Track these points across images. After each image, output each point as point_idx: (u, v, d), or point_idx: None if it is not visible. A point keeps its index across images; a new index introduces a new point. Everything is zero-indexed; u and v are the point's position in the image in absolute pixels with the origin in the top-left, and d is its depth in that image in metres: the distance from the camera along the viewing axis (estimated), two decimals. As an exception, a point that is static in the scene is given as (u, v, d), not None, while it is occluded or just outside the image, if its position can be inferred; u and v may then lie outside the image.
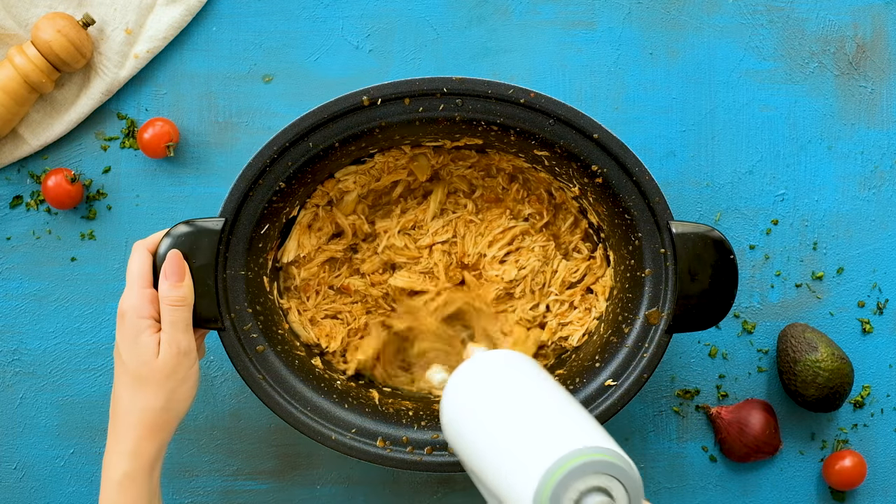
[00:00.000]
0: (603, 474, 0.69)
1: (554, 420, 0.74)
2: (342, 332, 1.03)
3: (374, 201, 1.04)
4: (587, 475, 0.68)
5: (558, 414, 0.75)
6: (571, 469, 0.68)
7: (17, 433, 1.07)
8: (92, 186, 1.06)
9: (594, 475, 0.68)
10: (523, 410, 0.76)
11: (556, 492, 0.68)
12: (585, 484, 0.68)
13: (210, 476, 1.08)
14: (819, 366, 1.03)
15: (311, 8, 1.06)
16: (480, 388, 0.81)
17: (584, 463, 0.68)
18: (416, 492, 1.08)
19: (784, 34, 1.07)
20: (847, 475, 1.07)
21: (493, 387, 0.81)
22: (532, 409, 0.76)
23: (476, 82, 0.93)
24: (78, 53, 1.00)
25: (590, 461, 0.68)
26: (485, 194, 1.04)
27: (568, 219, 1.03)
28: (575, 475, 0.68)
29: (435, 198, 1.03)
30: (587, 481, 0.68)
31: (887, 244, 1.08)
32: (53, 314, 1.06)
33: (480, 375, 0.83)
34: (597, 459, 0.68)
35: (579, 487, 0.68)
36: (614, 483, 0.69)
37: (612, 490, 0.69)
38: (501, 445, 0.75)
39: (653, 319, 0.95)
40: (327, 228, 1.02)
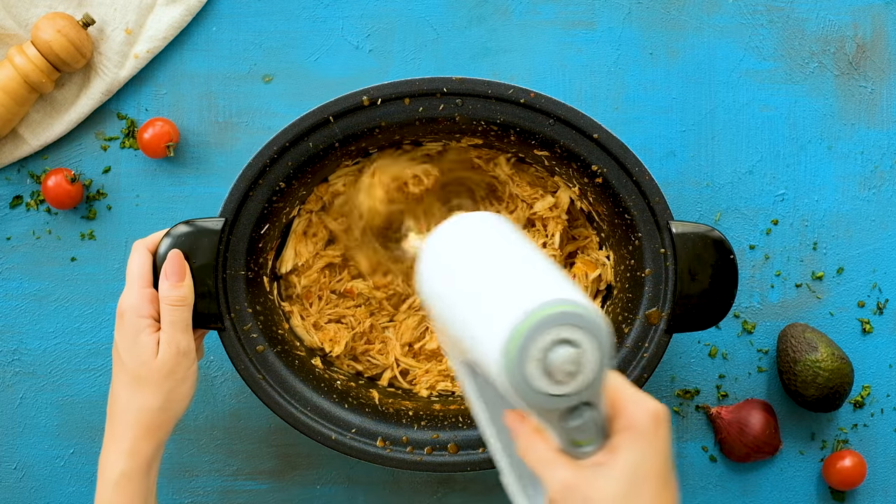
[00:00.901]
0: (571, 325, 0.67)
1: (524, 275, 0.73)
2: (346, 337, 1.03)
3: None
4: (555, 326, 0.67)
5: (529, 270, 0.73)
6: (539, 320, 0.67)
7: (17, 433, 1.07)
8: (92, 186, 1.06)
9: (562, 326, 0.67)
10: (494, 267, 0.75)
11: (524, 344, 0.67)
12: (554, 335, 0.67)
13: (210, 476, 1.08)
14: (819, 366, 1.03)
15: (311, 8, 1.06)
16: (454, 248, 0.80)
17: (551, 314, 0.67)
18: (416, 492, 1.09)
19: (784, 34, 1.07)
20: (847, 475, 1.07)
21: (466, 246, 0.79)
22: (503, 266, 0.75)
23: (476, 82, 0.93)
24: (78, 53, 1.00)
25: (557, 312, 0.67)
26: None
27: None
28: (542, 327, 0.67)
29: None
30: (555, 332, 0.67)
31: (887, 244, 1.08)
32: (53, 314, 1.06)
33: (455, 235, 0.81)
34: (564, 311, 0.67)
35: (548, 339, 0.67)
36: (584, 335, 0.68)
37: (581, 342, 0.68)
38: (471, 301, 0.73)
39: (653, 319, 0.95)
40: (322, 234, 1.02)
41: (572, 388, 0.68)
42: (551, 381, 0.68)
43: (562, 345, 0.67)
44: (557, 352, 0.67)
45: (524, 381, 0.68)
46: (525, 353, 0.67)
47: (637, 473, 0.69)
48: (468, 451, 0.96)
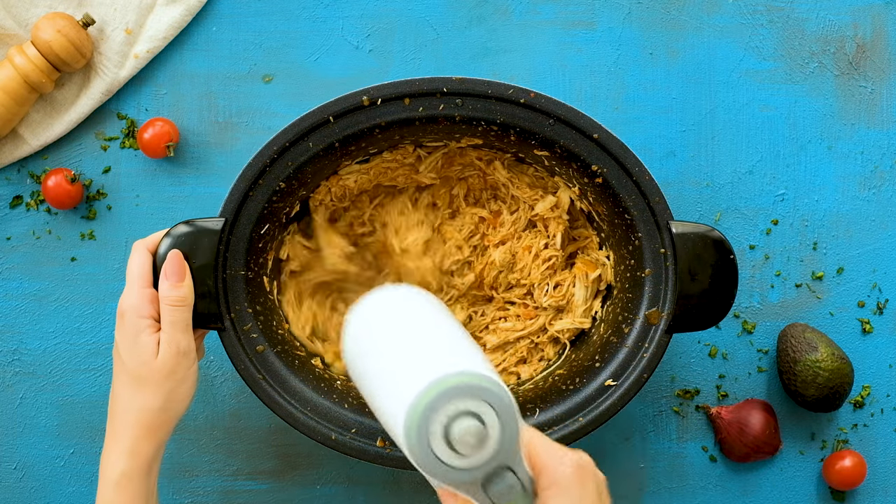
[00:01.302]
0: (472, 398, 0.68)
1: (434, 349, 0.74)
2: None
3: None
4: (455, 399, 0.68)
5: (434, 345, 0.74)
6: (438, 393, 0.67)
7: (17, 433, 1.07)
8: (92, 186, 1.06)
9: (462, 398, 0.68)
10: (408, 341, 0.76)
11: (425, 415, 0.68)
12: (454, 408, 0.68)
13: (210, 476, 1.08)
14: (819, 366, 1.03)
15: (311, 8, 1.06)
16: (374, 321, 0.81)
17: (450, 387, 0.68)
18: (416, 492, 1.08)
19: (784, 34, 1.07)
20: (847, 475, 1.07)
21: (385, 319, 0.80)
22: (416, 340, 0.76)
23: (476, 82, 0.93)
24: (78, 53, 1.00)
25: (456, 385, 0.68)
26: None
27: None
28: (443, 399, 0.68)
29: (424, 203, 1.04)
30: (456, 405, 0.68)
31: (887, 244, 1.08)
32: (53, 314, 1.06)
33: (377, 308, 0.82)
34: (464, 383, 0.68)
35: (448, 412, 0.68)
36: (485, 407, 0.68)
37: (483, 415, 0.68)
38: (385, 375, 0.74)
39: (653, 319, 0.95)
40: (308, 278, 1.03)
41: (479, 460, 0.69)
42: (456, 454, 0.69)
43: (462, 417, 0.68)
44: (458, 425, 0.68)
45: (430, 456, 0.68)
46: (424, 429, 0.68)
47: None
48: (468, 451, 0.96)
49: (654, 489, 1.09)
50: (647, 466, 1.08)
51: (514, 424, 0.70)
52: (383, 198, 1.03)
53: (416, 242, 1.02)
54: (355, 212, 1.03)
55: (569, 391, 0.97)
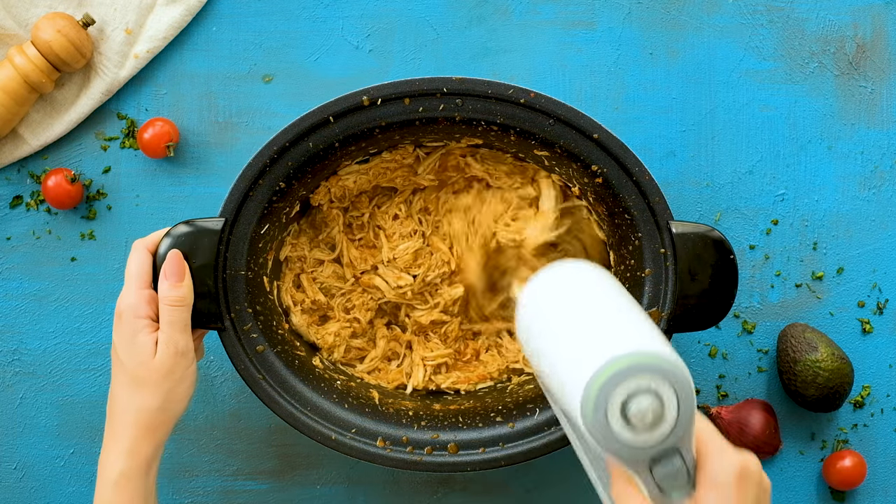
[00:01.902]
0: (651, 375, 0.68)
1: (609, 325, 0.74)
2: (346, 336, 1.03)
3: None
4: (634, 376, 0.68)
5: (615, 320, 0.74)
6: (616, 371, 0.68)
7: (17, 433, 1.07)
8: (92, 186, 1.06)
9: (642, 376, 0.68)
10: (583, 316, 0.76)
11: (602, 393, 0.68)
12: (633, 385, 0.68)
13: (210, 476, 1.08)
14: (819, 366, 1.03)
15: (311, 8, 1.06)
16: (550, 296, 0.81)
17: (628, 365, 0.68)
18: (416, 492, 1.08)
19: (784, 34, 1.07)
20: (847, 475, 1.06)
21: (561, 294, 0.81)
22: (591, 315, 0.76)
23: (476, 82, 0.93)
24: (78, 53, 1.00)
25: (637, 363, 0.68)
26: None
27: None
28: (619, 377, 0.68)
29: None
30: (634, 383, 0.68)
31: (887, 244, 1.08)
32: (53, 314, 1.06)
33: (551, 284, 0.82)
34: (642, 361, 0.68)
35: (627, 388, 0.68)
36: (664, 385, 0.68)
37: (661, 393, 0.68)
38: (561, 349, 0.74)
39: (653, 319, 0.95)
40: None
41: (653, 439, 0.69)
42: (632, 430, 0.69)
43: (642, 395, 0.68)
44: (637, 402, 0.68)
45: (604, 430, 0.69)
46: (603, 403, 0.68)
47: None
48: (468, 451, 0.96)
49: (654, 489, 1.09)
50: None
51: (692, 407, 0.69)
52: (380, 198, 1.03)
53: (407, 251, 1.02)
54: (354, 212, 1.03)
55: (569, 391, 0.97)
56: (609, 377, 0.68)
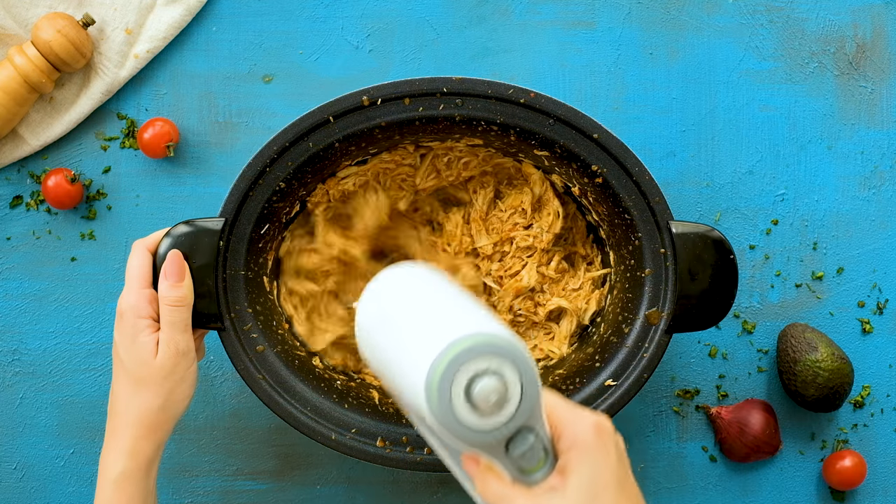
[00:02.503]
0: (488, 356, 0.68)
1: (448, 314, 0.74)
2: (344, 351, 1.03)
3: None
4: (475, 358, 0.68)
5: (453, 309, 0.75)
6: (457, 353, 0.68)
7: (17, 433, 1.07)
8: (92, 186, 1.06)
9: (482, 357, 0.68)
10: (422, 309, 0.76)
11: (446, 375, 0.68)
12: (475, 367, 0.68)
13: (210, 476, 1.08)
14: (819, 366, 1.03)
15: (311, 8, 1.06)
16: (388, 297, 0.81)
17: (469, 346, 0.68)
18: (416, 492, 1.09)
19: (784, 34, 1.07)
20: (847, 475, 1.07)
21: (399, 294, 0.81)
22: (430, 307, 0.76)
23: (476, 82, 0.93)
24: (78, 53, 1.00)
25: (474, 344, 0.68)
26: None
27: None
28: (461, 359, 0.68)
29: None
30: (476, 364, 0.68)
31: (887, 244, 1.08)
32: (53, 314, 1.06)
33: (389, 285, 0.83)
34: (481, 342, 0.68)
35: (469, 371, 0.68)
36: (503, 363, 0.68)
37: (501, 371, 0.68)
38: (401, 344, 0.75)
39: (653, 319, 0.95)
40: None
41: (501, 419, 0.69)
42: (479, 414, 0.69)
43: (483, 377, 0.68)
44: (479, 384, 0.68)
45: (451, 416, 0.68)
46: (447, 389, 0.68)
47: (590, 490, 0.70)
48: (468, 451, 0.96)
49: (654, 489, 1.09)
50: (647, 466, 1.08)
51: (535, 383, 0.70)
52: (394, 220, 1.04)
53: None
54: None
55: (569, 391, 0.97)
56: (449, 361, 0.68)
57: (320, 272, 1.02)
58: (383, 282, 0.84)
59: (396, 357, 0.75)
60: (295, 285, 1.01)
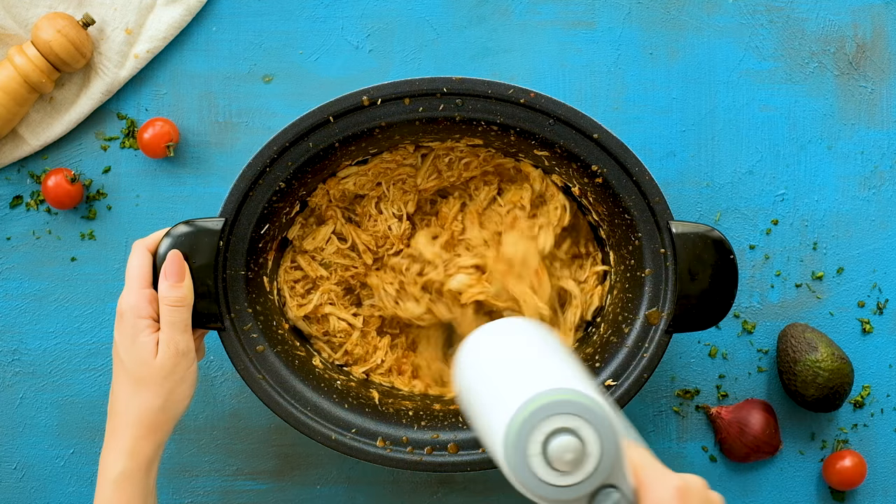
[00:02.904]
0: (571, 415, 0.68)
1: (536, 370, 0.74)
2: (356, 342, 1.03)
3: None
4: (553, 416, 0.68)
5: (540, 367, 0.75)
6: (534, 409, 0.68)
7: (17, 433, 1.07)
8: (92, 186, 1.06)
9: (561, 416, 0.68)
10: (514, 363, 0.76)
11: (521, 432, 0.68)
12: (553, 425, 0.68)
13: (210, 476, 1.08)
14: (819, 366, 1.03)
15: (311, 8, 1.06)
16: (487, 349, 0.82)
17: (545, 403, 0.68)
18: (416, 492, 1.09)
19: (784, 34, 1.07)
20: (847, 475, 1.06)
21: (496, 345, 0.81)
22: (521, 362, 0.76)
23: (476, 82, 0.93)
24: (78, 53, 1.00)
25: (551, 401, 0.68)
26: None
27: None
28: (538, 415, 0.68)
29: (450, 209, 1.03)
30: (552, 422, 0.68)
31: (887, 244, 1.08)
32: (53, 314, 1.06)
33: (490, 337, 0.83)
34: (561, 399, 0.68)
35: (545, 429, 0.68)
36: (582, 423, 0.68)
37: (580, 431, 0.68)
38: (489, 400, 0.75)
39: (653, 319, 0.95)
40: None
41: (579, 477, 0.69)
42: (556, 472, 0.68)
43: (559, 434, 0.68)
44: (555, 441, 0.68)
45: (528, 473, 0.68)
46: (523, 444, 0.68)
47: None
48: (468, 451, 0.96)
49: (654, 489, 1.09)
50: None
51: (615, 440, 0.69)
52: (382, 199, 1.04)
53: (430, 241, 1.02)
54: (356, 208, 1.03)
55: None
56: (524, 419, 0.68)
57: (337, 263, 1.02)
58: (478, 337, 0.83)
59: (487, 411, 0.75)
60: (305, 265, 1.01)
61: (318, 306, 1.02)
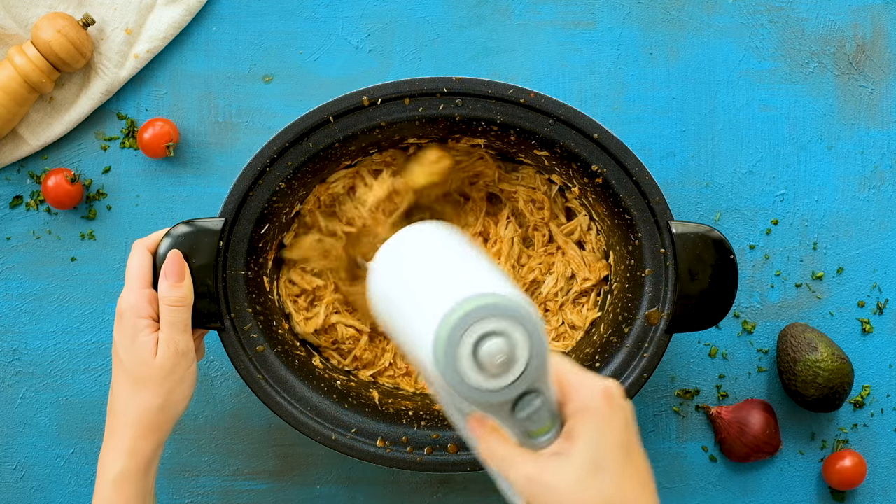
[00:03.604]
0: (496, 317, 0.68)
1: (459, 272, 0.73)
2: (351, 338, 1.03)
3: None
4: (484, 318, 0.67)
5: (461, 270, 0.74)
6: (460, 316, 0.67)
7: (17, 433, 1.07)
8: (92, 186, 1.06)
9: (486, 319, 0.67)
10: (434, 267, 0.76)
11: (453, 334, 0.67)
12: (482, 328, 0.67)
13: (210, 476, 1.08)
14: (819, 366, 1.03)
15: (311, 8, 1.06)
16: (399, 255, 0.81)
17: (477, 306, 0.67)
18: (416, 492, 1.09)
19: (784, 34, 1.07)
20: (847, 475, 1.07)
21: (409, 253, 0.80)
22: (442, 266, 0.76)
23: (476, 82, 0.93)
24: (78, 53, 1.00)
25: (483, 304, 0.67)
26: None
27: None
28: (469, 318, 0.67)
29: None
30: (484, 325, 0.67)
31: (887, 244, 1.08)
32: (53, 314, 1.06)
33: (401, 244, 0.82)
34: (485, 303, 0.67)
35: (476, 332, 0.67)
36: (511, 324, 0.68)
37: (509, 332, 0.68)
38: (410, 305, 0.74)
39: (653, 319, 0.95)
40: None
41: (508, 380, 0.69)
42: (486, 374, 0.68)
43: (491, 337, 0.68)
44: (486, 345, 0.68)
45: (458, 377, 0.68)
46: (453, 347, 0.68)
47: (596, 455, 0.70)
48: (468, 451, 0.96)
49: (654, 489, 1.09)
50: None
51: (543, 345, 0.69)
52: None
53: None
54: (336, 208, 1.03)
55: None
56: (456, 321, 0.67)
57: (327, 257, 1.02)
58: (400, 240, 0.83)
59: (409, 316, 0.74)
60: (298, 279, 1.01)
61: (326, 317, 1.02)
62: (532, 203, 1.03)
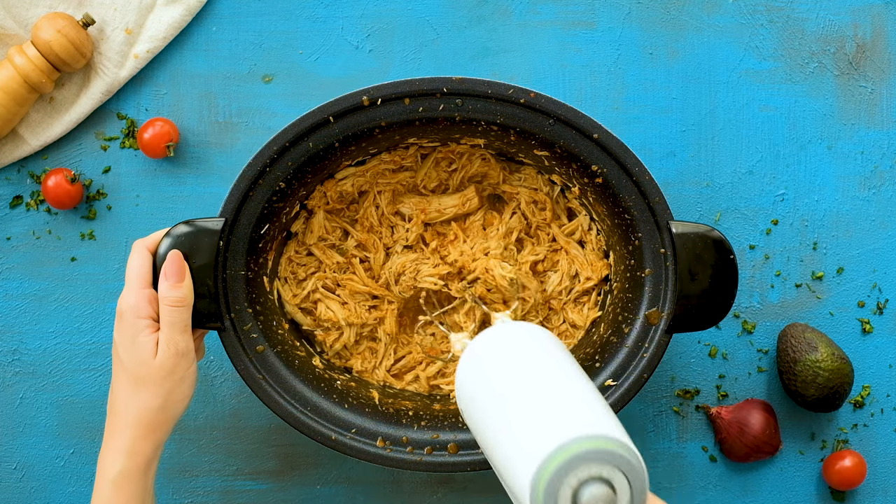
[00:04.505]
0: (605, 463, 0.66)
1: (563, 403, 0.71)
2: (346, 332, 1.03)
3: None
4: (587, 463, 0.66)
5: (569, 397, 0.72)
6: (571, 456, 0.65)
7: (17, 433, 1.07)
8: (92, 186, 1.06)
9: (595, 464, 0.66)
10: (534, 388, 0.73)
11: (554, 479, 0.65)
12: (586, 472, 0.66)
13: (210, 476, 1.08)
14: (819, 366, 1.03)
15: (311, 8, 1.06)
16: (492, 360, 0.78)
17: (585, 451, 0.66)
18: (416, 492, 1.09)
19: (784, 34, 1.07)
20: (847, 475, 1.06)
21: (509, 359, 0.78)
22: (543, 388, 0.73)
23: (476, 82, 0.93)
24: (78, 53, 1.00)
25: (591, 449, 0.66)
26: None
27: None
28: (574, 462, 0.65)
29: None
30: (587, 469, 0.66)
31: (887, 244, 1.08)
32: (53, 314, 1.06)
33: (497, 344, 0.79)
34: (598, 448, 0.66)
35: (579, 475, 0.66)
36: (616, 473, 0.66)
37: (613, 480, 0.66)
38: (508, 424, 0.72)
39: (653, 319, 0.95)
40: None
41: None
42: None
43: (593, 482, 0.66)
44: (588, 490, 0.66)
45: None
46: (553, 492, 0.66)
47: None
48: (468, 451, 0.96)
49: (654, 489, 1.09)
50: (647, 466, 1.08)
51: (644, 493, 0.67)
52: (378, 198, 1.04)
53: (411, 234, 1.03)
54: (352, 212, 1.03)
55: (569, 391, 0.97)
56: (558, 467, 0.65)
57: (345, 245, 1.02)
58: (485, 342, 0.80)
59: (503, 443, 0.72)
60: (320, 254, 1.01)
61: (311, 292, 1.01)
62: (534, 204, 1.03)
